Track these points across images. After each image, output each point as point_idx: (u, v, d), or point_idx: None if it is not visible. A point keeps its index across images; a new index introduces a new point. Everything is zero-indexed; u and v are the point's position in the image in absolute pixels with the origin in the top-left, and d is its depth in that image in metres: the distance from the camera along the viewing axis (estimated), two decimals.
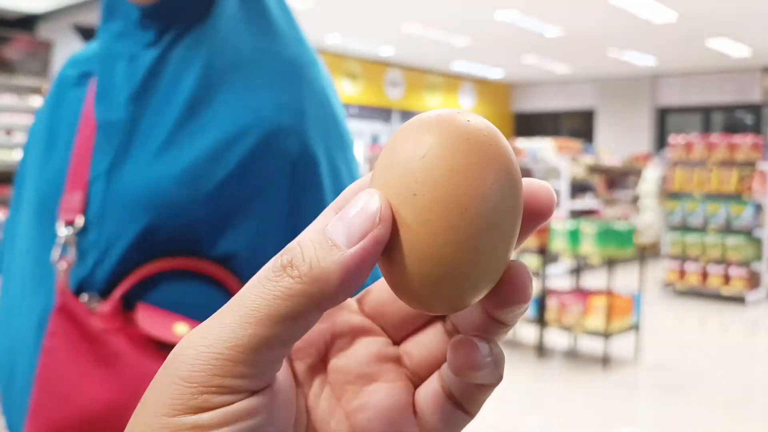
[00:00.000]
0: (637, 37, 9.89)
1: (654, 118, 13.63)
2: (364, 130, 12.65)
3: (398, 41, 10.80)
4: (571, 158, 8.59)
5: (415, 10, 8.83)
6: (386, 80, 12.93)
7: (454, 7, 8.57)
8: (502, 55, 11.96)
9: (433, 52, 11.67)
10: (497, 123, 12.32)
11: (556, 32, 9.66)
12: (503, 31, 9.68)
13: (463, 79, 14.48)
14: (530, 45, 10.79)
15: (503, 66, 13.13)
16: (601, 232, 4.52)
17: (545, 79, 14.60)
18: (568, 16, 8.76)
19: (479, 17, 8.97)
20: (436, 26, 9.75)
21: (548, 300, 4.73)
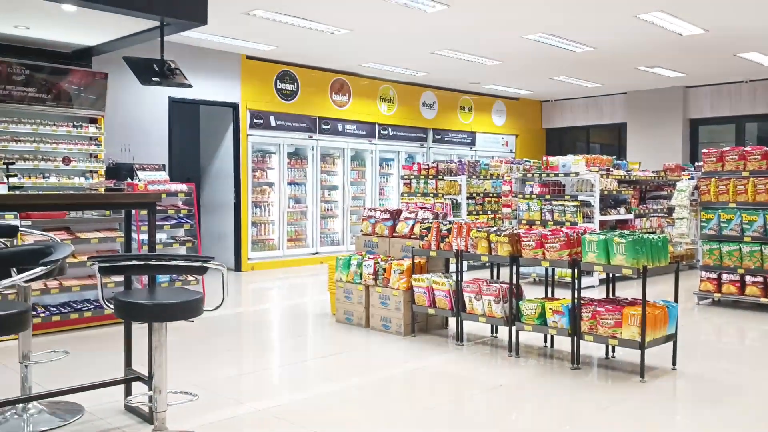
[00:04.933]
0: (667, 51, 10.02)
1: (686, 129, 13.67)
2: (400, 149, 12.95)
3: (431, 65, 11.11)
4: (603, 172, 8.73)
5: (446, 38, 9.13)
6: (421, 101, 13.23)
7: (483, 32, 8.84)
8: (532, 74, 12.18)
9: (465, 74, 11.95)
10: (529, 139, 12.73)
11: (586, 50, 9.85)
12: (532, 51, 9.91)
13: (494, 98, 14.72)
14: (560, 63, 10.99)
15: (533, 84, 13.34)
16: (633, 242, 4.65)
17: (575, 94, 14.74)
18: (596, 34, 8.96)
19: (508, 39, 9.22)
20: (467, 51, 10.03)
21: (582, 310, 4.90)
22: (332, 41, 9.21)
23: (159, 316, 3.13)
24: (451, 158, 12.57)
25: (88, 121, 8.58)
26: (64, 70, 8.22)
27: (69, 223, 6.34)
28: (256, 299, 8.61)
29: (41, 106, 8.04)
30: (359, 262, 6.34)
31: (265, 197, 10.92)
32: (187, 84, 7.40)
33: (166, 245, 7.06)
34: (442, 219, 6.29)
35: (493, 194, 10.33)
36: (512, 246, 5.27)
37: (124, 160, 8.85)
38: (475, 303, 5.46)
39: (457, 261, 5.65)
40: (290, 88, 11.05)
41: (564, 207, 8.26)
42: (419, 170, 10.24)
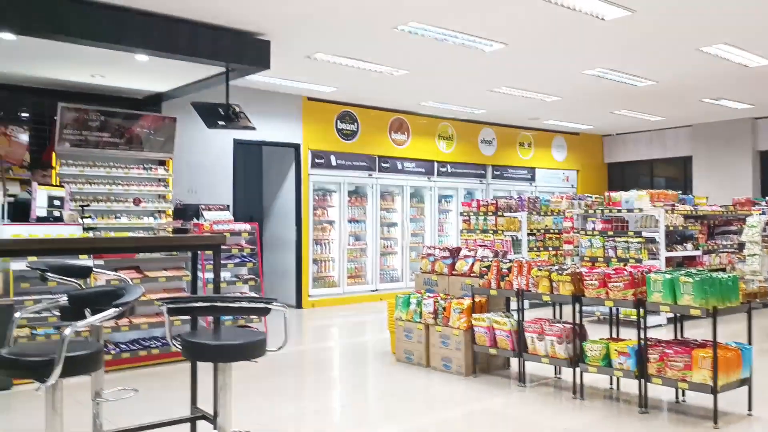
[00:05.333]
0: (733, 83, 9.79)
1: (756, 162, 13.23)
2: (458, 186, 12.96)
3: (489, 102, 11.15)
4: (668, 207, 8.52)
5: (505, 75, 9.16)
6: (480, 138, 13.25)
7: (542, 69, 8.84)
8: (592, 109, 12.07)
9: (524, 110, 11.93)
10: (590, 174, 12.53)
11: (647, 84, 9.72)
12: (593, 86, 9.83)
13: (554, 133, 14.61)
14: (621, 97, 10.86)
15: (594, 118, 13.19)
16: (702, 282, 4.51)
17: (638, 127, 14.50)
18: (658, 68, 8.83)
19: (568, 76, 9.19)
20: (526, 87, 10.04)
21: (649, 352, 4.76)
22: (391, 81, 9.36)
23: (224, 357, 3.21)
24: (511, 194, 12.50)
25: (157, 164, 8.92)
26: (136, 116, 8.60)
27: (138, 262, 6.57)
28: (317, 337, 8.68)
29: (114, 150, 8.42)
30: (419, 301, 6.34)
31: (326, 235, 11.07)
32: (251, 127, 7.64)
33: (229, 283, 7.22)
34: (501, 257, 6.24)
35: (554, 230, 10.19)
36: (574, 285, 5.19)
37: (191, 201, 9.14)
38: (538, 343, 5.37)
39: (518, 300, 5.59)
40: (350, 128, 11.25)
41: (628, 243, 8.08)
42: (478, 207, 10.21)
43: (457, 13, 6.47)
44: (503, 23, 6.81)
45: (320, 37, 7.25)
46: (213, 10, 6.34)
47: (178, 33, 6.57)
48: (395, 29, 6.91)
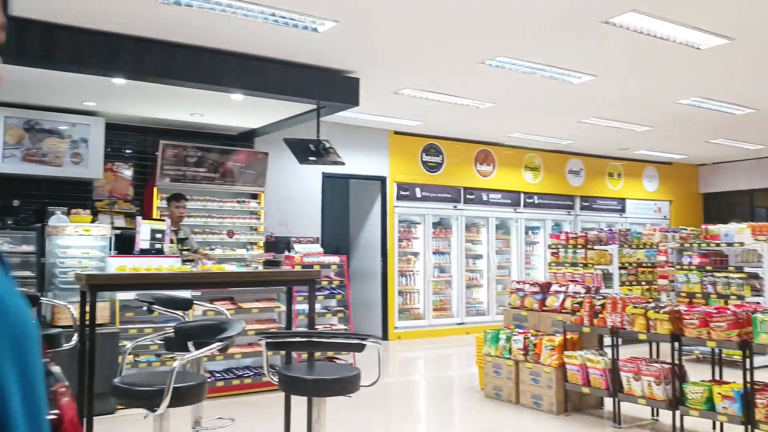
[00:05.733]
0: None
1: None
2: (545, 218, 12.75)
3: (577, 133, 10.98)
4: None
5: (593, 106, 9.02)
6: (567, 169, 13.05)
7: (633, 99, 8.65)
8: (686, 138, 11.68)
9: (614, 140, 11.68)
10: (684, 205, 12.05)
11: (746, 112, 9.34)
12: (686, 115, 9.54)
13: (645, 163, 14.20)
14: (717, 126, 10.47)
15: (688, 148, 12.75)
16: None
17: (736, 156, 13.89)
18: (758, 95, 8.49)
19: (660, 105, 8.95)
20: (615, 118, 9.84)
21: (756, 396, 4.52)
22: (477, 114, 9.39)
23: (320, 392, 3.28)
24: (600, 226, 12.19)
25: (249, 197, 9.24)
26: (230, 151, 8.96)
27: (232, 294, 6.79)
28: (404, 370, 8.68)
29: (210, 184, 8.78)
30: (508, 337, 6.25)
31: (411, 266, 11.11)
32: (340, 162, 7.82)
33: (319, 315, 7.35)
34: (594, 293, 6.10)
35: (647, 264, 9.85)
36: (673, 324, 5.00)
37: (282, 233, 9.40)
38: (634, 383, 5.19)
39: (612, 338, 5.43)
40: (435, 160, 11.32)
41: (728, 279, 7.72)
42: (567, 239, 10.02)
43: (546, 48, 6.46)
44: (593, 56, 6.74)
45: (408, 73, 7.38)
46: (304, 52, 6.57)
47: (271, 73, 6.85)
48: (482, 64, 6.96)
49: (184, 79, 6.39)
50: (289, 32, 5.96)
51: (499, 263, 12.12)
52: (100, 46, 5.96)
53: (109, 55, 6.01)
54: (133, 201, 8.57)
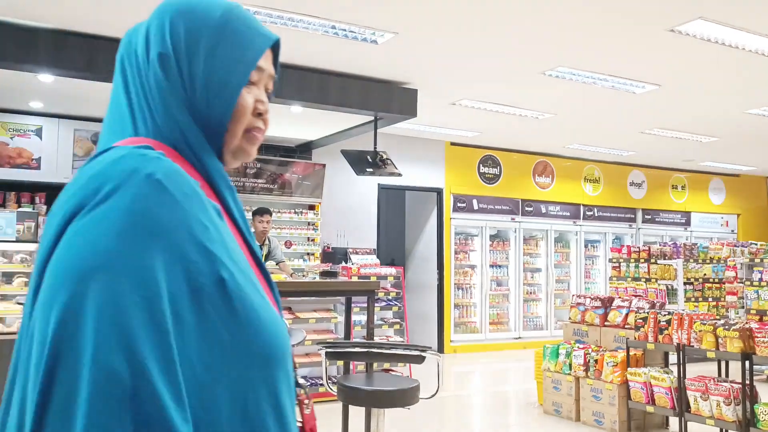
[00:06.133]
0: None
1: None
2: (606, 231, 12.46)
3: (639, 144, 10.72)
4: None
5: (657, 117, 8.79)
6: (628, 181, 12.75)
7: (698, 110, 8.40)
8: (755, 149, 11.25)
9: (678, 151, 11.35)
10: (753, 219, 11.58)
11: None
12: (756, 125, 9.20)
13: (711, 175, 13.75)
14: None
15: (757, 159, 12.29)
16: None
17: None
18: None
19: (727, 115, 8.66)
20: (680, 128, 9.57)
21: None
22: (536, 125, 9.27)
23: (379, 403, 3.26)
24: (663, 240, 11.84)
25: (307, 208, 9.34)
26: (289, 162, 9.08)
27: (290, 303, 6.85)
28: (461, 384, 8.59)
29: (268, 195, 8.91)
30: (568, 352, 6.11)
31: (467, 279, 11.01)
32: (397, 173, 7.83)
33: (375, 326, 7.34)
34: (659, 308, 5.91)
35: (714, 280, 9.51)
36: (744, 342, 4.80)
37: (339, 244, 9.45)
38: (701, 403, 5.00)
39: (678, 356, 5.24)
40: (493, 172, 11.22)
41: None
42: (629, 253, 9.75)
43: (608, 57, 6.33)
44: (658, 65, 6.57)
45: (466, 84, 7.35)
46: (363, 63, 6.62)
47: (330, 85, 6.91)
48: (542, 74, 6.87)
49: None
50: (349, 44, 6.01)
51: (557, 277, 11.90)
52: None
53: None
54: None
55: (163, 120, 0.89)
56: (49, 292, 0.71)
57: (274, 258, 7.18)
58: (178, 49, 0.90)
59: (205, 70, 0.90)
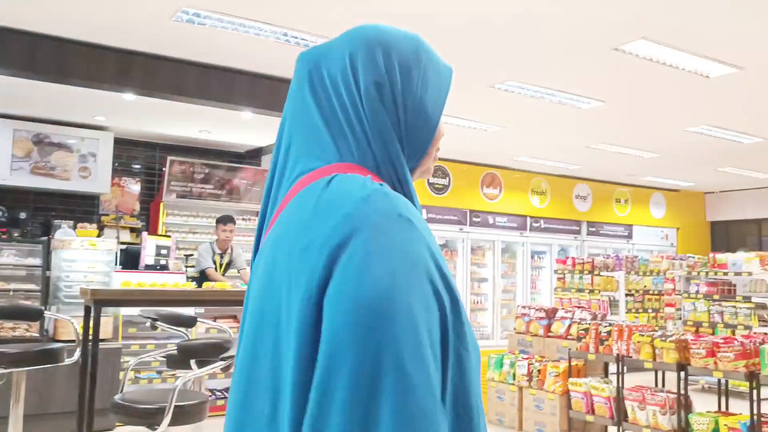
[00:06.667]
0: None
1: None
2: (552, 242, 12.71)
3: (585, 158, 10.98)
4: None
5: (602, 132, 9.02)
6: (574, 193, 13.03)
7: (642, 126, 8.66)
8: (694, 166, 11.65)
9: (621, 166, 11.66)
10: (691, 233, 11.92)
11: (755, 141, 9.33)
12: (695, 143, 9.53)
13: (653, 189, 14.17)
14: (726, 154, 10.44)
15: (696, 175, 12.72)
16: None
17: (744, 185, 13.85)
18: (765, 124, 8.48)
19: (669, 133, 8.95)
20: (624, 144, 9.84)
21: (763, 429, 4.45)
22: (485, 137, 9.40)
23: None
24: (607, 252, 12.13)
25: (255, 215, 9.24)
26: (238, 168, 8.99)
27: (236, 312, 6.76)
28: None
29: (216, 201, 8.80)
30: (512, 362, 6.20)
31: None
32: None
33: None
34: (600, 320, 6.05)
35: (654, 291, 9.80)
36: (679, 353, 4.95)
37: None
38: (639, 413, 5.13)
39: (617, 366, 5.37)
40: (441, 183, 11.32)
41: (736, 309, 7.65)
42: (573, 265, 9.97)
43: (555, 73, 6.47)
44: (602, 82, 6.75)
45: None
46: None
47: (282, 92, 6.88)
48: (492, 87, 6.98)
49: (194, 96, 6.42)
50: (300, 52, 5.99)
51: (504, 287, 12.06)
52: (113, 61, 6.01)
53: (121, 70, 6.05)
54: (139, 216, 8.58)
55: (375, 145, 0.94)
56: (349, 324, 0.78)
57: (235, 266, 7.10)
58: (393, 79, 0.95)
59: (418, 98, 0.97)
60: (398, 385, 0.76)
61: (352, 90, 0.94)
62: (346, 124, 0.93)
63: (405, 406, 0.75)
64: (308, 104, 0.97)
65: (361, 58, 0.96)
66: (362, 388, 0.76)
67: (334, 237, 0.82)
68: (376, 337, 0.77)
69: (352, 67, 0.95)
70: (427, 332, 0.80)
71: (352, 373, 0.76)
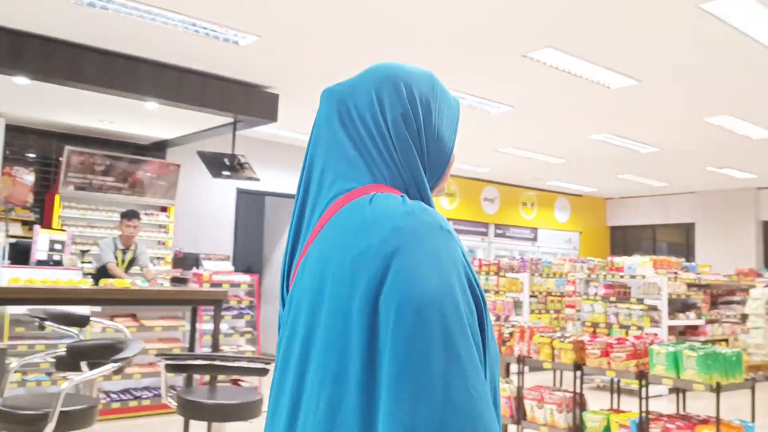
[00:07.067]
0: (737, 153, 9.88)
1: (759, 232, 13.24)
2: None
3: (494, 162, 11.23)
4: (671, 275, 8.47)
5: (510, 137, 9.25)
6: (482, 196, 13.30)
7: (548, 132, 8.93)
8: (596, 172, 12.15)
9: (528, 170, 12.01)
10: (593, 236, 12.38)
11: (651, 150, 9.81)
12: (598, 150, 9.92)
13: (558, 194, 14.67)
14: (625, 162, 10.94)
15: (598, 181, 13.27)
16: (705, 357, 4.45)
17: (641, 192, 14.56)
18: (663, 136, 8.92)
19: (573, 139, 9.27)
20: (531, 149, 10.12)
21: (650, 426, 4.66)
22: None
23: (220, 417, 3.14)
24: (513, 254, 12.46)
25: (159, 210, 8.92)
26: (141, 161, 8.64)
27: (135, 310, 6.49)
28: None
29: (117, 194, 8.43)
30: None
31: None
32: (255, 178, 7.67)
33: (226, 335, 7.13)
34: (504, 321, 6.18)
35: (556, 293, 10.12)
36: (576, 353, 5.11)
37: (191, 249, 9.10)
38: (537, 411, 5.26)
39: (519, 366, 5.50)
40: None
41: (630, 310, 8.01)
42: (480, 266, 10.17)
43: (465, 77, 6.56)
44: (511, 87, 6.91)
45: None
46: (224, 64, 6.43)
47: (189, 83, 6.66)
48: None
49: (95, 83, 6.11)
50: (209, 43, 5.82)
51: None
52: (4, 42, 5.63)
53: (12, 52, 5.68)
54: (32, 208, 8.10)
55: (403, 169, 1.06)
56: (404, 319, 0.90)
57: (138, 263, 6.78)
58: (416, 111, 1.07)
59: (436, 128, 1.10)
60: (459, 372, 0.88)
61: (379, 122, 1.06)
62: (376, 152, 1.06)
63: (466, 388, 0.87)
64: (339, 134, 1.08)
65: (387, 93, 1.08)
66: (430, 376, 0.87)
67: (387, 245, 0.94)
68: (436, 329, 0.89)
69: (379, 102, 1.08)
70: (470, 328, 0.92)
71: (418, 362, 0.87)
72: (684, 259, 10.02)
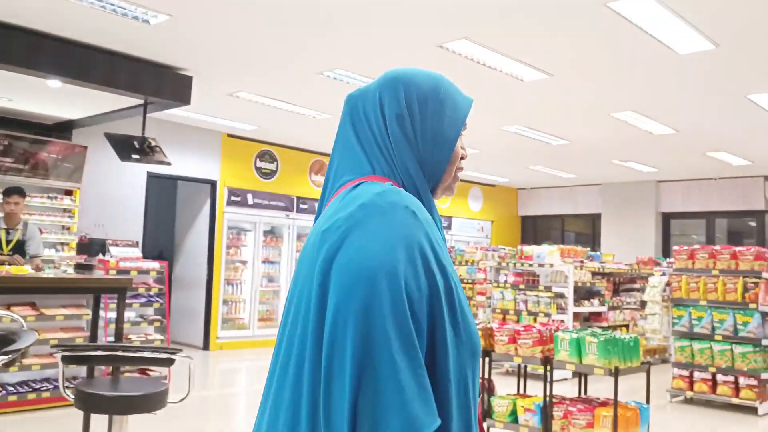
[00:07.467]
0: (639, 147, 10.34)
1: (659, 223, 13.94)
2: None
3: None
4: (577, 264, 8.81)
5: None
6: None
7: None
8: (509, 163, 12.45)
9: None
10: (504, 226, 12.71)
11: (561, 143, 10.13)
12: (511, 141, 10.16)
13: (471, 183, 14.95)
14: (536, 154, 11.26)
15: (510, 172, 13.61)
16: (606, 342, 4.65)
17: (551, 183, 15.05)
18: (572, 129, 9.23)
19: (487, 131, 9.45)
20: None
21: (554, 409, 4.84)
22: (314, 124, 9.37)
23: (121, 410, 3.03)
24: None
25: (63, 193, 8.53)
26: (44, 142, 8.23)
27: (35, 298, 6.18)
28: (224, 382, 8.40)
29: (18, 176, 7.99)
30: None
31: (238, 275, 10.81)
32: (166, 162, 7.44)
33: (134, 324, 6.91)
34: None
35: (469, 281, 10.34)
36: (485, 340, 5.23)
37: (98, 235, 8.74)
38: None
39: None
40: (270, 167, 11.14)
41: (538, 298, 8.28)
42: None
43: (382, 65, 6.57)
44: None
45: (245, 76, 7.19)
46: (134, 43, 6.18)
47: (96, 62, 6.36)
48: (320, 74, 6.94)
49: None
50: (118, 21, 5.57)
51: None
52: None
53: None
54: None
55: (398, 165, 1.17)
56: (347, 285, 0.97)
57: (29, 249, 6.35)
58: (412, 111, 1.18)
59: (433, 127, 1.19)
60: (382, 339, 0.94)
61: (380, 122, 1.18)
62: (377, 148, 1.18)
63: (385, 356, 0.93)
64: (349, 134, 1.21)
65: (387, 95, 1.20)
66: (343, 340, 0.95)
67: (350, 220, 1.02)
68: (371, 297, 0.95)
69: (380, 103, 1.20)
70: (411, 303, 0.97)
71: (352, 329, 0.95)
72: (590, 248, 10.43)
